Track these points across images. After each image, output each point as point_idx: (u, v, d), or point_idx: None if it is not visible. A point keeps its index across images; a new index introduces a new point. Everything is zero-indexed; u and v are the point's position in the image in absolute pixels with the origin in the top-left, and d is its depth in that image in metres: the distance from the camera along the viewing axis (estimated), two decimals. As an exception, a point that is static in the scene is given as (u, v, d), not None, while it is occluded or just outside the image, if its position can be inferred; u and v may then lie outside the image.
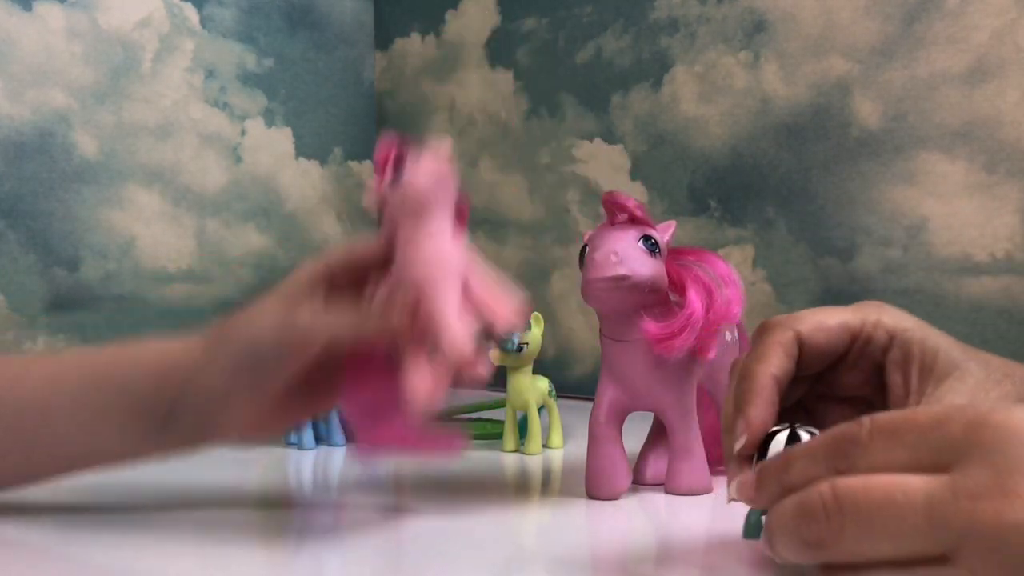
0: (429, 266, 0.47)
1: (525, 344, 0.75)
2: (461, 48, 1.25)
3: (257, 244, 1.22)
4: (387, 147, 0.50)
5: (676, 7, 1.04)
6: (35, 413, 0.53)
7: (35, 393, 0.53)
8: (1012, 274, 0.84)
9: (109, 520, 0.56)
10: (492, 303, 0.47)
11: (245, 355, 0.49)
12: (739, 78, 0.99)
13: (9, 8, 1.00)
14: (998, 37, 0.84)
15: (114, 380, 0.52)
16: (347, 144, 1.32)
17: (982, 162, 0.85)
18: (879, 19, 0.90)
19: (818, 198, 0.95)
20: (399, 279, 0.48)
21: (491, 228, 1.22)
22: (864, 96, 0.91)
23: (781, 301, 0.97)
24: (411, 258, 0.47)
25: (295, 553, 0.51)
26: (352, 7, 1.33)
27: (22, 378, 0.54)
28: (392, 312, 0.47)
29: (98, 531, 0.54)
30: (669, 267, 0.59)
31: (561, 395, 0.83)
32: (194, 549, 0.51)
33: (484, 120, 1.23)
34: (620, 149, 1.09)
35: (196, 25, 1.15)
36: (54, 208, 1.03)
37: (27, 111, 1.01)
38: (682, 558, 0.49)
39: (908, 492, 0.31)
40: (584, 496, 0.61)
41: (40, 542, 0.53)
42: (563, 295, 1.15)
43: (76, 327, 1.05)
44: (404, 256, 0.48)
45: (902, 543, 0.31)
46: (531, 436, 0.78)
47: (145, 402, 0.51)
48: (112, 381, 0.52)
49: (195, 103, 1.15)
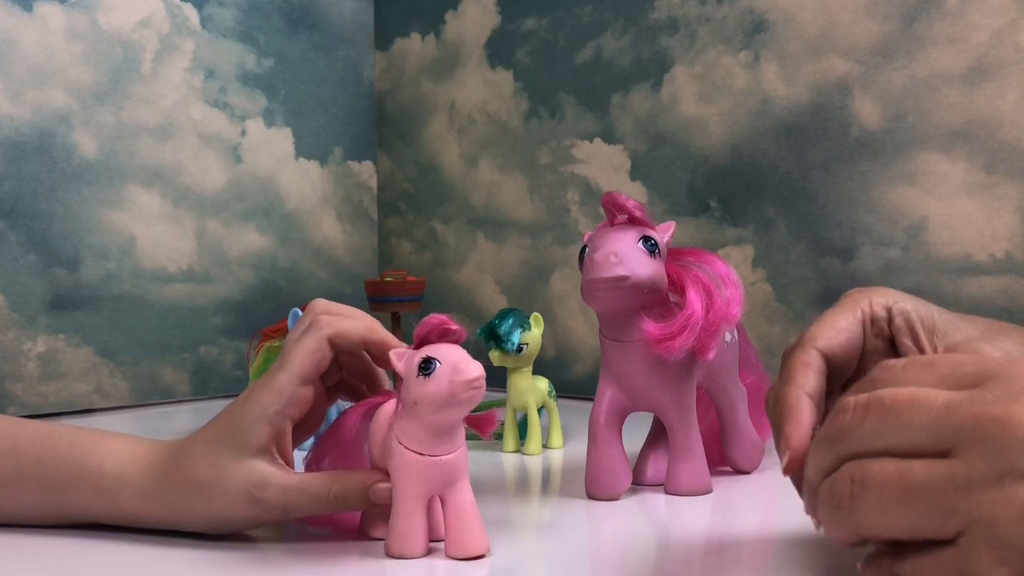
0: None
1: (525, 344, 0.76)
2: (461, 48, 1.25)
3: (257, 244, 1.22)
4: (433, 327, 0.48)
5: (676, 7, 1.04)
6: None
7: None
8: (1012, 274, 0.84)
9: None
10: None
11: (208, 523, 0.51)
12: (739, 78, 0.99)
13: (9, 8, 1.00)
14: (998, 37, 0.84)
15: (72, 507, 0.53)
16: (347, 144, 1.32)
17: (982, 162, 0.85)
18: (879, 19, 0.90)
19: (818, 198, 0.95)
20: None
21: (491, 228, 1.22)
22: (864, 96, 0.92)
23: (781, 301, 0.97)
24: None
25: (295, 552, 0.51)
26: (352, 7, 1.33)
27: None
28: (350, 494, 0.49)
29: (94, 530, 0.54)
30: (669, 267, 0.59)
31: (561, 395, 0.83)
32: (192, 547, 0.51)
33: (484, 120, 1.23)
34: (620, 149, 1.09)
35: (196, 25, 1.15)
36: (54, 208, 1.03)
37: (27, 111, 1.01)
38: (682, 558, 0.49)
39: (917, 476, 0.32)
40: (584, 496, 0.61)
41: (35, 540, 0.53)
42: (563, 295, 1.15)
43: (76, 327, 1.05)
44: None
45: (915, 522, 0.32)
46: (531, 436, 0.78)
47: (87, 519, 0.53)
48: (70, 509, 0.53)
49: (195, 103, 1.15)
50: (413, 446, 0.47)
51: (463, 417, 0.47)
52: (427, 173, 1.30)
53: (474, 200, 1.24)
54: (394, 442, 0.47)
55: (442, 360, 0.46)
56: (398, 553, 0.48)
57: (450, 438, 0.47)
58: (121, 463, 0.52)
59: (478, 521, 0.48)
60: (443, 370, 0.45)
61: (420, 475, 0.47)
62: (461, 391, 0.45)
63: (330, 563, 0.48)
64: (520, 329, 0.75)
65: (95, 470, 0.52)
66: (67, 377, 1.04)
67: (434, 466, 0.47)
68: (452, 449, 0.47)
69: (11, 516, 0.54)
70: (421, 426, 0.46)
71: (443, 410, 0.45)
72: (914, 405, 0.33)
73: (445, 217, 1.27)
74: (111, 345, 1.07)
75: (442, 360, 0.46)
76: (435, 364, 0.45)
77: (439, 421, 0.46)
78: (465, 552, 0.47)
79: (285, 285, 1.24)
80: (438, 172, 1.28)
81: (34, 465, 0.53)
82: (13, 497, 0.53)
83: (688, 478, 0.61)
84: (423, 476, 0.47)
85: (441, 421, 0.46)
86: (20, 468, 0.53)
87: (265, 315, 1.19)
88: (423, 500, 0.48)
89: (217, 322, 1.17)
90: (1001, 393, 0.31)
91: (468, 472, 0.48)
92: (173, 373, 1.13)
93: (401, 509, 0.48)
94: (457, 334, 0.47)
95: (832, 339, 0.45)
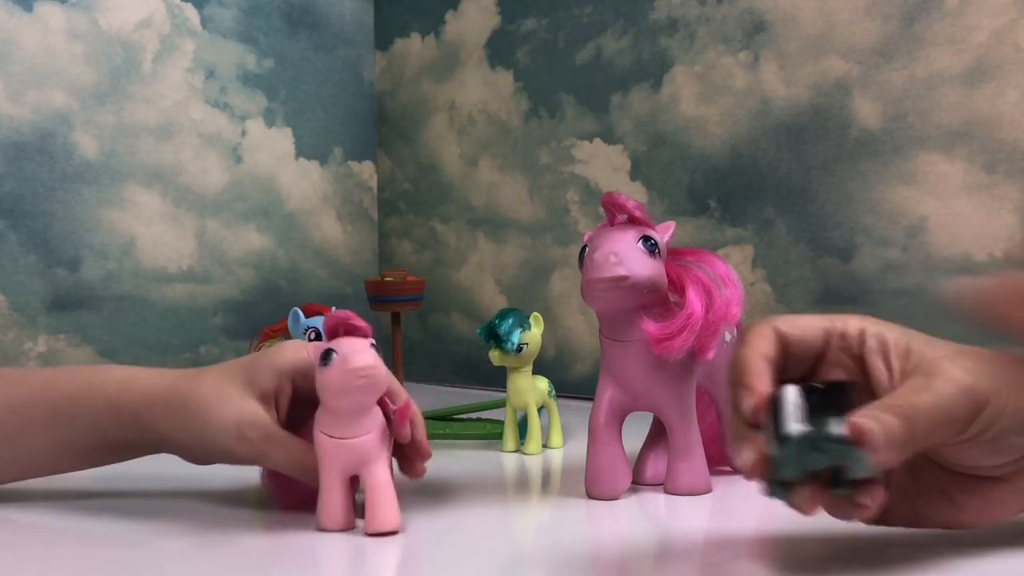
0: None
1: (525, 344, 0.76)
2: (461, 48, 1.25)
3: (257, 244, 1.22)
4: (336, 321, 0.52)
5: (676, 7, 1.04)
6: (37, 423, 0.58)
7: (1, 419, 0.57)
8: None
9: (108, 505, 0.57)
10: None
11: (196, 442, 0.55)
12: (739, 78, 1.00)
13: (9, 8, 1.00)
14: (998, 37, 0.84)
15: (80, 418, 0.57)
16: (347, 144, 1.32)
17: (981, 162, 0.85)
18: (879, 19, 0.90)
19: (818, 198, 0.95)
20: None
21: (491, 228, 1.22)
22: (864, 96, 0.92)
23: (781, 301, 0.97)
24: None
25: (295, 552, 0.51)
26: (352, 7, 1.33)
27: (23, 383, 0.59)
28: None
29: (98, 516, 0.54)
30: (669, 267, 0.59)
31: (561, 395, 0.83)
32: (191, 545, 0.51)
33: (484, 120, 1.23)
34: (620, 149, 1.09)
35: (196, 26, 1.15)
36: (55, 208, 1.03)
37: (28, 111, 1.01)
38: (682, 558, 0.49)
39: None
40: (584, 496, 0.61)
41: (40, 524, 0.53)
42: (563, 295, 1.15)
43: (76, 327, 1.05)
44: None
45: None
46: (531, 436, 0.78)
47: (108, 438, 0.57)
48: (78, 419, 0.57)
49: (195, 103, 1.15)
50: (327, 430, 0.51)
51: (365, 404, 0.51)
52: (427, 173, 1.30)
53: (474, 200, 1.24)
54: (315, 427, 0.52)
55: (338, 351, 0.50)
56: (321, 526, 0.52)
57: (357, 422, 0.51)
58: (131, 374, 0.58)
59: (390, 499, 0.52)
60: (336, 360, 0.49)
61: (333, 455, 0.51)
62: (352, 379, 0.49)
63: (339, 545, 0.50)
64: (520, 329, 0.75)
65: (103, 382, 0.57)
66: (67, 377, 1.04)
67: (344, 447, 0.51)
68: (360, 433, 0.51)
69: (22, 451, 0.58)
70: (329, 412, 0.51)
71: (340, 396, 0.50)
72: None
73: (445, 217, 1.27)
74: (111, 345, 1.08)
75: (338, 351, 0.50)
76: (332, 355, 0.50)
77: (340, 406, 0.50)
78: (377, 527, 0.51)
79: (285, 285, 1.24)
80: (438, 172, 1.28)
81: (42, 389, 0.58)
82: (24, 421, 0.57)
83: (688, 478, 0.61)
84: (335, 456, 0.51)
85: (342, 406, 0.50)
86: (30, 391, 0.58)
87: (265, 315, 1.19)
88: (340, 478, 0.52)
89: (217, 322, 1.17)
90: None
91: (387, 454, 0.52)
92: (173, 373, 1.13)
93: (323, 485, 0.52)
94: (362, 330, 0.51)
95: (790, 327, 0.46)
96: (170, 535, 0.53)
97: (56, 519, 0.57)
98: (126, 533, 0.54)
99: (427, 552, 0.50)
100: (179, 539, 0.52)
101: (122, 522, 0.56)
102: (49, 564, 0.48)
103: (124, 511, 0.58)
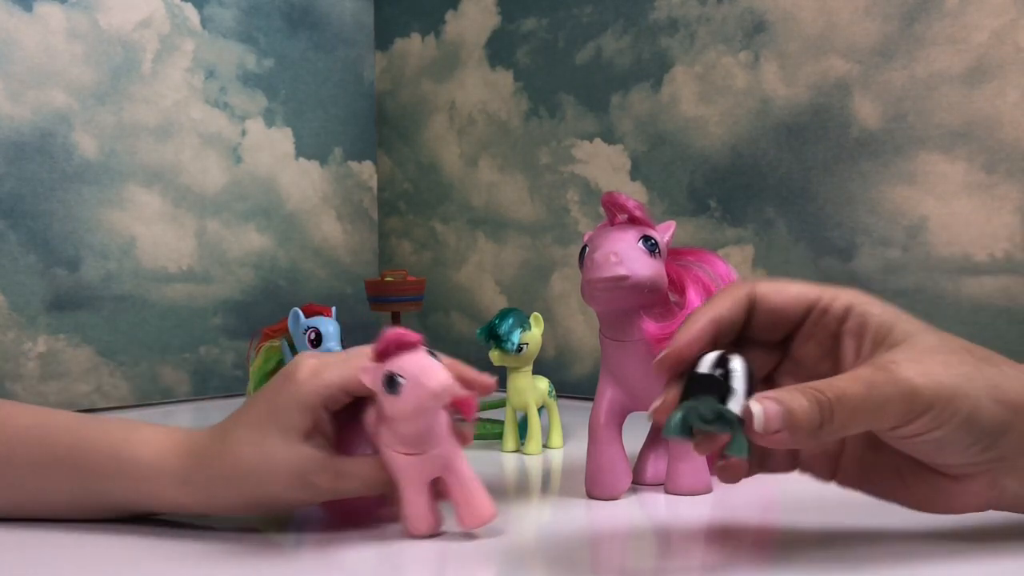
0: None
1: (525, 344, 0.76)
2: (461, 48, 1.25)
3: (257, 244, 1.22)
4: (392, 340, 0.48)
5: (676, 7, 1.04)
6: (23, 464, 0.53)
7: (26, 448, 0.53)
8: (1012, 274, 0.84)
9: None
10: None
11: (245, 508, 0.51)
12: (739, 78, 1.00)
13: (9, 8, 1.00)
14: (998, 37, 0.84)
15: (97, 483, 0.52)
16: (347, 144, 1.32)
17: (982, 162, 0.85)
18: (879, 19, 0.90)
19: (818, 198, 0.95)
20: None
21: (491, 228, 1.22)
22: (864, 96, 0.92)
23: (781, 301, 0.97)
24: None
25: (295, 551, 0.51)
26: (352, 7, 1.33)
27: (14, 418, 0.55)
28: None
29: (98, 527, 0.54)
30: (669, 267, 0.59)
31: (561, 395, 0.83)
32: (192, 545, 0.51)
33: (484, 120, 1.23)
34: (620, 149, 1.09)
35: (196, 25, 1.15)
36: (54, 208, 1.03)
37: (27, 111, 1.01)
38: (682, 558, 0.49)
39: None
40: (584, 496, 0.61)
41: (39, 535, 0.53)
42: (563, 295, 1.15)
43: (76, 327, 1.05)
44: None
45: None
46: (531, 436, 0.78)
47: (122, 509, 0.53)
48: (95, 484, 0.53)
49: (195, 103, 1.15)
50: (400, 449, 0.49)
51: (439, 417, 0.49)
52: (427, 173, 1.30)
53: (474, 200, 1.24)
54: (382, 446, 0.49)
55: (405, 375, 0.47)
56: (413, 533, 0.50)
57: (433, 434, 0.49)
58: (158, 451, 0.52)
59: (481, 489, 0.50)
60: (408, 386, 0.46)
61: (411, 470, 0.49)
62: (428, 402, 0.47)
63: (349, 547, 0.49)
64: (520, 329, 0.75)
65: (130, 458, 0.52)
66: (67, 377, 1.04)
67: (424, 461, 0.49)
68: (435, 443, 0.49)
69: (46, 506, 0.54)
70: (402, 434, 0.48)
71: (416, 420, 0.48)
72: None
73: (445, 217, 1.27)
74: (111, 345, 1.07)
75: (405, 375, 0.47)
76: (399, 381, 0.47)
77: (417, 428, 0.48)
78: (477, 520, 0.50)
79: (285, 285, 1.24)
80: (438, 172, 1.28)
81: (67, 452, 0.53)
82: (48, 483, 0.53)
83: (688, 478, 0.61)
84: (414, 470, 0.49)
85: (418, 427, 0.48)
86: (54, 455, 0.53)
87: (265, 315, 1.19)
88: (423, 486, 0.50)
89: (217, 322, 1.17)
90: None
91: (460, 448, 0.50)
92: (173, 373, 1.13)
93: (405, 497, 0.50)
94: (415, 343, 0.48)
95: (772, 294, 0.46)
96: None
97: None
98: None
99: (427, 552, 0.50)
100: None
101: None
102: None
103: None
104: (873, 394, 0.42)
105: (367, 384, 0.48)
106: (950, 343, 0.45)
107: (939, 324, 0.47)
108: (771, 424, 0.41)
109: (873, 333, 0.45)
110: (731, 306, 0.45)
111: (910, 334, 0.44)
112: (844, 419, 0.42)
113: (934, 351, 0.44)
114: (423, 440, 0.49)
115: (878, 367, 0.43)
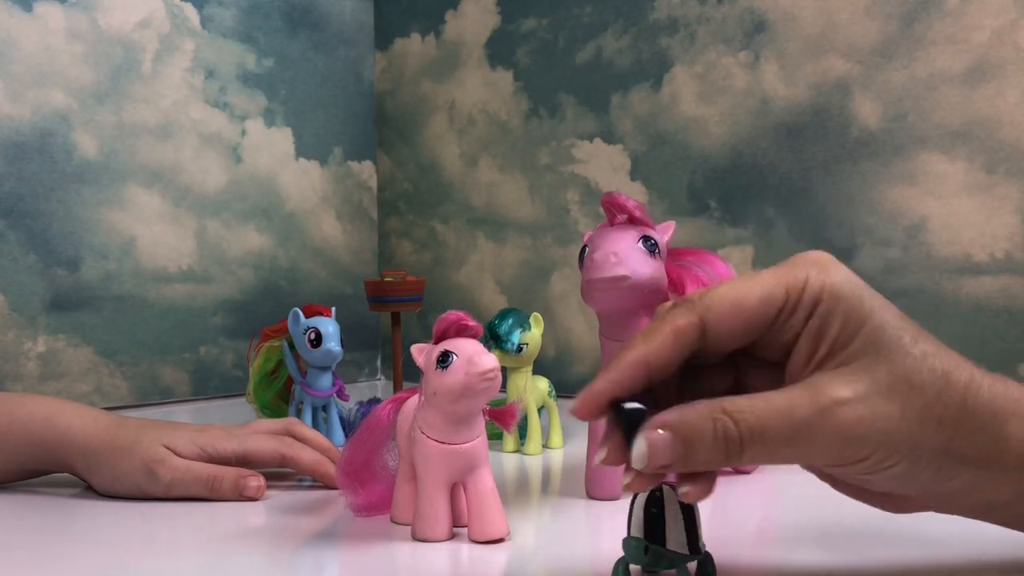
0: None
1: (525, 344, 0.76)
2: (461, 48, 1.25)
3: (257, 244, 1.22)
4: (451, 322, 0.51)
5: (676, 7, 1.04)
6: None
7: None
8: (1012, 274, 0.84)
9: (110, 505, 0.57)
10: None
11: (109, 482, 0.63)
12: (739, 78, 0.99)
13: (9, 8, 1.00)
14: (998, 37, 0.84)
15: (12, 438, 0.64)
16: (347, 144, 1.32)
17: (982, 162, 0.85)
18: (879, 19, 0.90)
19: (818, 198, 0.95)
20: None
21: (491, 228, 1.22)
22: (864, 96, 0.92)
23: (781, 301, 0.97)
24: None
25: (295, 551, 0.51)
26: (352, 7, 1.33)
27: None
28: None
29: (99, 514, 0.54)
30: (669, 267, 0.59)
31: (561, 395, 0.83)
32: (194, 545, 0.51)
33: (484, 120, 1.23)
34: (620, 149, 1.09)
35: (196, 25, 1.15)
36: (54, 208, 1.03)
37: (27, 111, 1.01)
38: (682, 558, 0.49)
39: None
40: (584, 496, 0.61)
41: (44, 520, 0.53)
42: (563, 295, 1.15)
43: (76, 327, 1.05)
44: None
45: None
46: (531, 436, 0.78)
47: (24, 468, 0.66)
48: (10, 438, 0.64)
49: (195, 103, 1.15)
50: (434, 435, 0.50)
51: (480, 408, 0.50)
52: (427, 173, 1.30)
53: (474, 200, 1.24)
54: (417, 432, 0.51)
55: (458, 353, 0.49)
56: (422, 536, 0.51)
57: (469, 427, 0.50)
58: (52, 412, 0.65)
59: (498, 505, 0.51)
60: (459, 363, 0.48)
61: (441, 462, 0.50)
62: (476, 382, 0.48)
63: (360, 545, 0.50)
64: (520, 329, 0.75)
65: (65, 430, 0.64)
66: (67, 377, 1.04)
67: (454, 454, 0.50)
68: (471, 437, 0.50)
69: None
70: (441, 416, 0.49)
71: (460, 400, 0.48)
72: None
73: (445, 217, 1.27)
74: (111, 345, 1.07)
75: (458, 353, 0.49)
76: (452, 357, 0.49)
77: (457, 410, 0.49)
78: (486, 535, 0.50)
79: (285, 285, 1.24)
80: (438, 172, 1.28)
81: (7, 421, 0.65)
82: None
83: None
84: (444, 463, 0.50)
85: (459, 410, 0.49)
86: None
87: (265, 315, 1.19)
88: (445, 486, 0.50)
89: (217, 322, 1.17)
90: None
91: (488, 460, 0.51)
92: (173, 373, 1.13)
93: (425, 494, 0.50)
94: (474, 329, 0.50)
95: (723, 319, 0.40)
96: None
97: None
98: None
99: (427, 551, 0.50)
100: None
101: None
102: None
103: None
104: (799, 435, 0.37)
105: (419, 363, 0.50)
106: (917, 376, 0.38)
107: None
108: (656, 459, 0.37)
109: (831, 341, 0.39)
110: (670, 348, 0.40)
111: (875, 350, 0.39)
112: (756, 454, 0.38)
113: (891, 388, 0.38)
114: (459, 427, 0.50)
115: (815, 402, 0.38)
